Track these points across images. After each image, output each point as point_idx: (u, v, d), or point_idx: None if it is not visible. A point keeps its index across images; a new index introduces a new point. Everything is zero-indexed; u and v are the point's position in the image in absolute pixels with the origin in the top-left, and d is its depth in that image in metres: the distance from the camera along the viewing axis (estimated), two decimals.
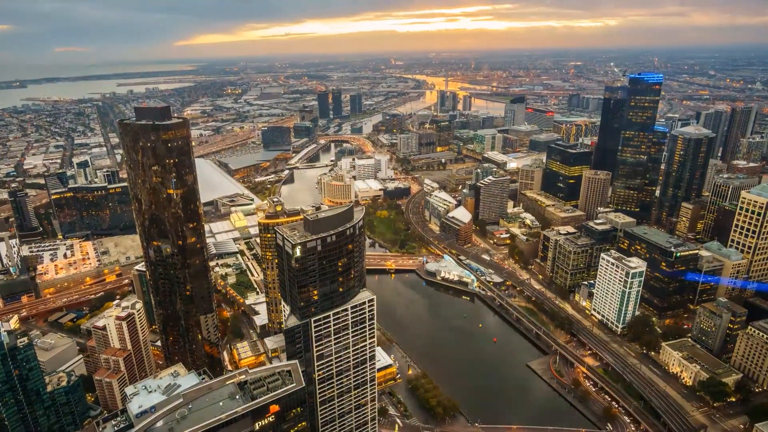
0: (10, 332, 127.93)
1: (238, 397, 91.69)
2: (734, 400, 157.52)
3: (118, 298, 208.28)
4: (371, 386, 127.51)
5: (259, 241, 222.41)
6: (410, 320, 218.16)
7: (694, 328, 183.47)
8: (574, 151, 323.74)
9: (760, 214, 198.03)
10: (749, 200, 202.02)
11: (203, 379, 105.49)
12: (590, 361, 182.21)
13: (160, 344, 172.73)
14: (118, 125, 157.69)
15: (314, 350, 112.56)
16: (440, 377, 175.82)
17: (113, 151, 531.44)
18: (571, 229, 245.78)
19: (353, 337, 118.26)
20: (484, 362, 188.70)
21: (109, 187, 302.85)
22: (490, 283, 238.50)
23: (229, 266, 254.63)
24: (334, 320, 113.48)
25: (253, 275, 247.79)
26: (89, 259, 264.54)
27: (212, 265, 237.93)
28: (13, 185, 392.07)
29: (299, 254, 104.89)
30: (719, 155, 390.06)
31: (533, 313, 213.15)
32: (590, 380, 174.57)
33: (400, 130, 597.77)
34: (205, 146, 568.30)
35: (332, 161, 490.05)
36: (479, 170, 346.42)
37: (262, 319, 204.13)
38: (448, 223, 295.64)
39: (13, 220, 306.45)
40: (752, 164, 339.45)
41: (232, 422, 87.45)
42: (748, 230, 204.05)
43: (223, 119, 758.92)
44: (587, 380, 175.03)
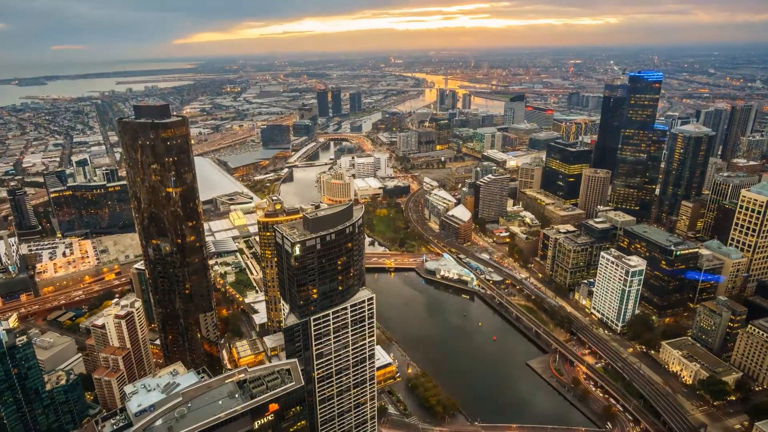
0: (8, 331, 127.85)
1: (237, 395, 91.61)
2: (734, 398, 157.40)
3: (117, 296, 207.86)
4: (370, 385, 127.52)
5: (258, 239, 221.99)
6: (410, 319, 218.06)
7: (694, 326, 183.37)
8: (573, 149, 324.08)
9: (760, 212, 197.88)
10: (749, 198, 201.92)
11: (202, 377, 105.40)
12: (590, 359, 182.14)
13: (159, 343, 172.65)
14: (117, 123, 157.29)
15: (313, 349, 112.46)
16: (440, 376, 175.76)
17: (112, 149, 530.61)
18: (570, 227, 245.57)
19: (353, 335, 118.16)
20: (483, 361, 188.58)
21: (108, 185, 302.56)
22: (489, 281, 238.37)
23: (228, 265, 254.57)
24: (333, 319, 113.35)
25: (252, 274, 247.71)
26: (88, 257, 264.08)
27: (211, 263, 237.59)
28: (12, 184, 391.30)
29: (298, 253, 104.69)
30: (719, 153, 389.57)
31: (533, 311, 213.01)
32: (590, 379, 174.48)
33: (399, 128, 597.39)
34: (204, 144, 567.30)
35: (332, 160, 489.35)
36: (479, 168, 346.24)
37: (261, 317, 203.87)
38: (447, 221, 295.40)
39: (12, 218, 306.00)
40: (752, 162, 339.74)
41: (231, 421, 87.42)
42: (748, 229, 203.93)
43: (222, 117, 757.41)
44: (587, 379, 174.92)
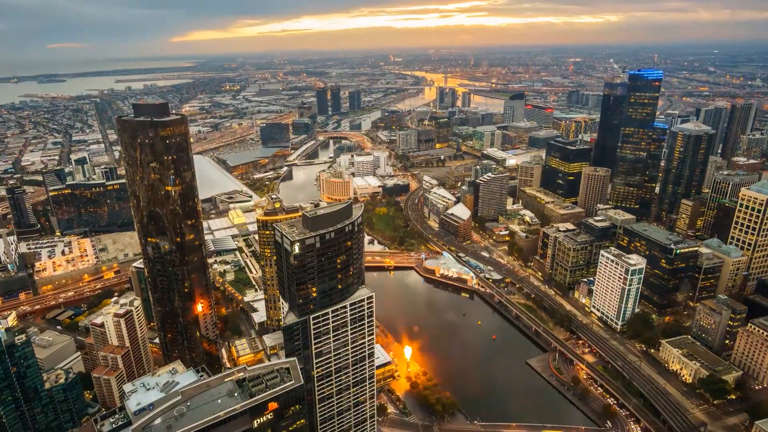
0: (7, 329, 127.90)
1: (236, 394, 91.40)
2: (734, 397, 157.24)
3: (116, 295, 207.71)
4: (370, 383, 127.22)
5: (257, 238, 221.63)
6: (409, 317, 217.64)
7: (693, 325, 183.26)
8: (573, 147, 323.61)
9: (760, 210, 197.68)
10: (749, 197, 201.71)
11: (201, 376, 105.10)
12: (590, 358, 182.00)
13: (158, 341, 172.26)
14: (116, 122, 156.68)
15: (313, 347, 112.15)
16: (439, 374, 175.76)
17: (111, 147, 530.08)
18: (570, 226, 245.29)
19: (352, 334, 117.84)
20: (483, 360, 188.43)
21: (107, 183, 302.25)
22: (489, 280, 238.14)
23: (227, 263, 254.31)
24: (332, 317, 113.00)
25: (251, 272, 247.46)
26: (87, 256, 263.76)
27: (210, 262, 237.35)
28: (11, 182, 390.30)
29: (298, 251, 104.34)
30: (719, 152, 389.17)
31: (532, 310, 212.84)
32: (590, 378, 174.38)
33: (399, 126, 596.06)
34: (203, 143, 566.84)
35: (331, 158, 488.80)
36: (478, 167, 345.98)
37: (260, 316, 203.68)
38: (447, 220, 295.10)
39: (11, 217, 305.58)
40: (752, 161, 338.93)
41: (230, 419, 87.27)
42: (748, 227, 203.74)
43: (221, 116, 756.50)
44: (587, 378, 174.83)
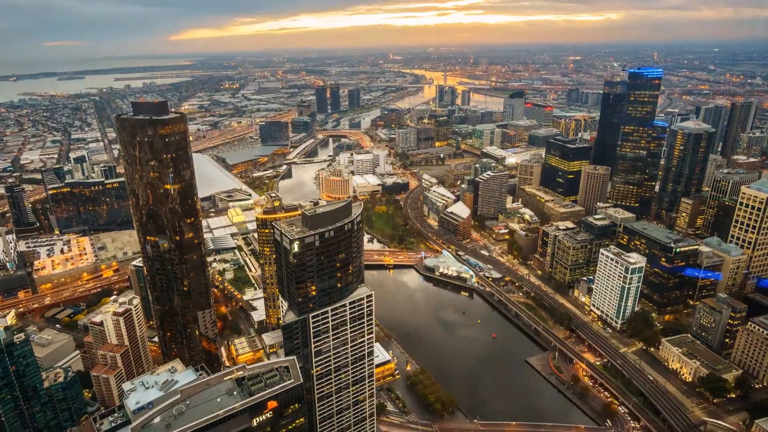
0: (6, 328, 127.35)
1: (235, 393, 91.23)
2: (734, 396, 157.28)
3: (115, 293, 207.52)
4: (369, 382, 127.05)
5: (256, 236, 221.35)
6: (409, 316, 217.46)
7: (693, 324, 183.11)
8: (573, 146, 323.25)
9: (760, 209, 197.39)
10: (749, 195, 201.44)
11: (201, 375, 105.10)
12: (589, 357, 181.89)
13: (157, 340, 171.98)
14: (115, 120, 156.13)
15: (312, 346, 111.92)
16: (439, 373, 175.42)
17: (110, 146, 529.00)
18: (570, 224, 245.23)
19: (351, 332, 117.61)
20: (482, 358, 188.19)
21: (106, 182, 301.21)
22: (488, 278, 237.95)
23: (226, 262, 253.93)
24: (332, 316, 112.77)
25: (250, 271, 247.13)
26: (86, 254, 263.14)
27: (210, 260, 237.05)
28: (9, 180, 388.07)
29: (297, 250, 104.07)
30: (719, 150, 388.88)
31: (532, 308, 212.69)
32: (589, 376, 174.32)
33: (398, 125, 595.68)
34: (202, 141, 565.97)
35: (330, 156, 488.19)
36: (478, 165, 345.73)
37: (259, 314, 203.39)
38: (446, 218, 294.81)
39: (9, 215, 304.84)
40: (752, 159, 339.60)
41: (229, 418, 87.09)
42: (748, 225, 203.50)
43: (220, 114, 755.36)
44: (586, 376, 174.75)
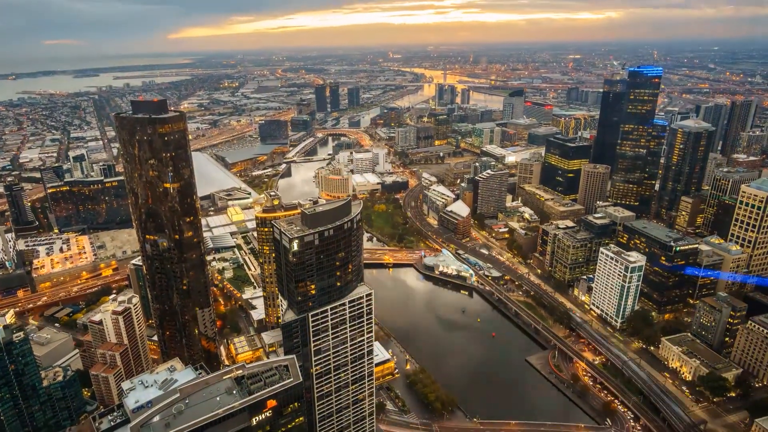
0: (6, 327, 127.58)
1: (235, 392, 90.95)
2: (734, 395, 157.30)
3: (114, 292, 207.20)
4: (369, 381, 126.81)
5: (256, 235, 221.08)
6: (408, 315, 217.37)
7: (693, 322, 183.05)
8: (573, 144, 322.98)
9: (760, 208, 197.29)
10: (749, 194, 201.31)
11: (200, 374, 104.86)
12: (589, 355, 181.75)
13: (156, 339, 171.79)
14: (114, 119, 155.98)
15: (312, 345, 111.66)
16: (438, 372, 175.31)
17: (110, 144, 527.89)
18: (570, 223, 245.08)
19: (351, 331, 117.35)
20: (482, 357, 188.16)
21: (105, 180, 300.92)
22: (488, 277, 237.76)
23: (226, 260, 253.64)
24: (331, 315, 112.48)
25: (250, 269, 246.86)
26: (85, 253, 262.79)
27: (209, 259, 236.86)
28: (8, 179, 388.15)
29: (296, 248, 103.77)
30: (719, 149, 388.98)
31: (532, 307, 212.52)
32: (589, 375, 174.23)
33: (398, 123, 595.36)
34: (201, 140, 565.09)
35: (330, 155, 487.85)
36: (477, 164, 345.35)
37: (259, 313, 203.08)
38: (446, 217, 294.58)
39: (8, 214, 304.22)
40: (752, 158, 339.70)
41: (229, 417, 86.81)
42: (748, 224, 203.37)
43: (220, 113, 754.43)
44: (586, 375, 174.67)
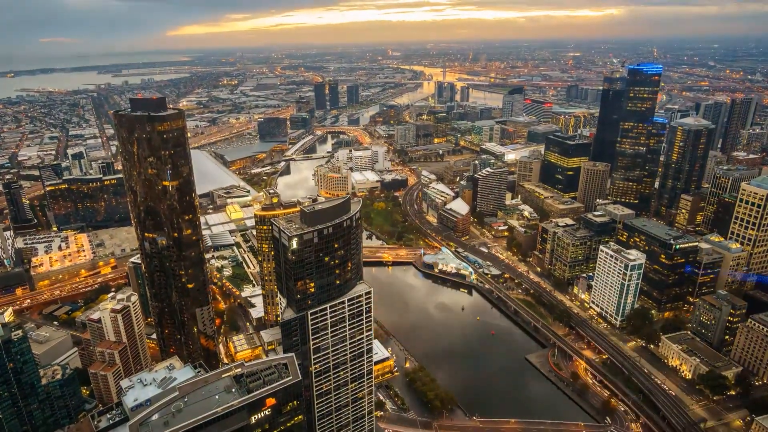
0: (4, 325, 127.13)
1: (234, 390, 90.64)
2: (734, 393, 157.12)
3: (113, 290, 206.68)
4: (368, 379, 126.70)
5: (255, 233, 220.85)
6: (407, 313, 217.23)
7: (693, 320, 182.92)
8: (572, 142, 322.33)
9: (760, 206, 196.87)
10: (749, 192, 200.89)
11: (199, 372, 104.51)
12: (589, 354, 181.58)
13: (155, 337, 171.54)
14: (113, 116, 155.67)
15: (311, 343, 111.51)
16: (438, 370, 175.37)
17: (108, 142, 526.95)
18: (569, 221, 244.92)
19: (350, 329, 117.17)
20: (481, 355, 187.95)
21: (104, 178, 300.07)
22: (488, 275, 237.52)
23: (225, 258, 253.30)
24: (330, 313, 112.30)
25: (249, 267, 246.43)
26: (84, 251, 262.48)
27: (208, 257, 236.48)
28: (7, 177, 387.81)
29: (296, 246, 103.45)
30: (719, 147, 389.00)
31: (531, 305, 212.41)
32: (589, 373, 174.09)
33: (397, 121, 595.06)
34: (200, 137, 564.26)
35: (329, 153, 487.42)
36: (477, 162, 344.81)
37: (258, 311, 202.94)
38: (445, 215, 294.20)
39: (7, 212, 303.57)
40: (752, 156, 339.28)
41: (227, 415, 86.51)
42: (748, 222, 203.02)
43: (219, 110, 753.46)
44: (586, 373, 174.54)
